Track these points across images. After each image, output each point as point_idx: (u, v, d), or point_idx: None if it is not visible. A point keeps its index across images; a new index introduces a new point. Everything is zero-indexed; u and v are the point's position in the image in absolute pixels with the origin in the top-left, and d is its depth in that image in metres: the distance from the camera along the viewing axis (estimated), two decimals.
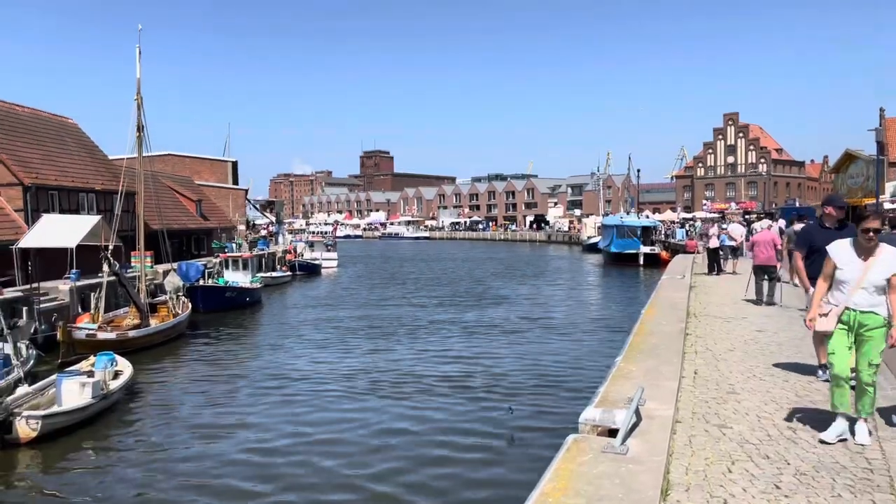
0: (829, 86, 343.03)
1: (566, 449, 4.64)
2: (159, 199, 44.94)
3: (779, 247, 14.84)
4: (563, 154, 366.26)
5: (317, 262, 53.41)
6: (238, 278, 33.73)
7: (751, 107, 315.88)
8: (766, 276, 14.23)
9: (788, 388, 7.04)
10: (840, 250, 5.59)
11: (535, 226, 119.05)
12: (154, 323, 22.18)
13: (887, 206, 25.72)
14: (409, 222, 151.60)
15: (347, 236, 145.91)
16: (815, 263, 6.78)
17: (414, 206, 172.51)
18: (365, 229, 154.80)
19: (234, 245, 40.46)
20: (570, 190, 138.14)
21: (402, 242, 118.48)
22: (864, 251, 5.43)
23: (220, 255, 36.37)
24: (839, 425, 5.30)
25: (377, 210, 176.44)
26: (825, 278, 5.71)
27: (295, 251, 55.25)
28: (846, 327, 5.43)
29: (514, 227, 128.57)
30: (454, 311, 27.95)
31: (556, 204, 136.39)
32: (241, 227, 61.86)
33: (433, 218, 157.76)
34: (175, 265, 30.42)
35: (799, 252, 7.79)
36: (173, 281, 25.50)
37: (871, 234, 5.36)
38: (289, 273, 45.83)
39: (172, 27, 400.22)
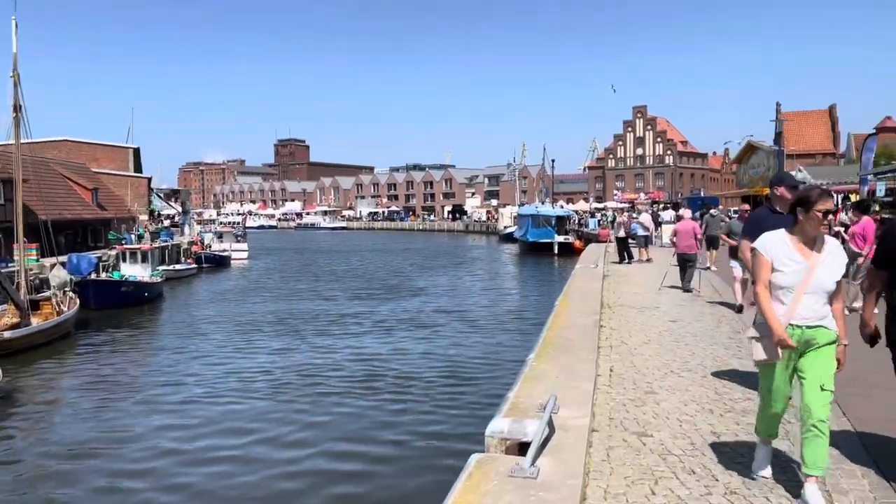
0: (729, 82, 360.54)
1: (468, 474, 3.95)
2: (47, 186, 41.78)
3: (699, 236, 15.18)
4: (481, 145, 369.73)
5: (225, 253, 51.15)
6: (136, 272, 31.56)
7: (658, 100, 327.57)
8: (688, 264, 14.49)
9: (707, 384, 6.64)
10: (774, 245, 4.04)
11: (452, 216, 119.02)
12: (36, 322, 20.23)
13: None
14: (325, 212, 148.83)
15: (262, 227, 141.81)
16: None
17: (331, 196, 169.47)
18: (280, 219, 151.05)
19: (132, 236, 37.91)
20: (487, 180, 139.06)
21: (318, 233, 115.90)
22: (808, 243, 3.98)
23: (117, 246, 33.95)
24: (766, 452, 4.28)
25: (293, 200, 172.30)
26: (765, 284, 4.05)
27: (202, 242, 52.79)
28: (786, 352, 3.99)
29: (432, 218, 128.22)
30: (368, 304, 27.05)
31: (473, 194, 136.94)
32: (144, 217, 58.52)
33: (351, 208, 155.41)
34: (65, 258, 28.16)
35: (748, 242, 5.54)
36: (59, 275, 23.36)
37: (828, 219, 4.03)
38: (194, 266, 43.54)
39: (80, 12, 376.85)
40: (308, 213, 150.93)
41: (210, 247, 52.73)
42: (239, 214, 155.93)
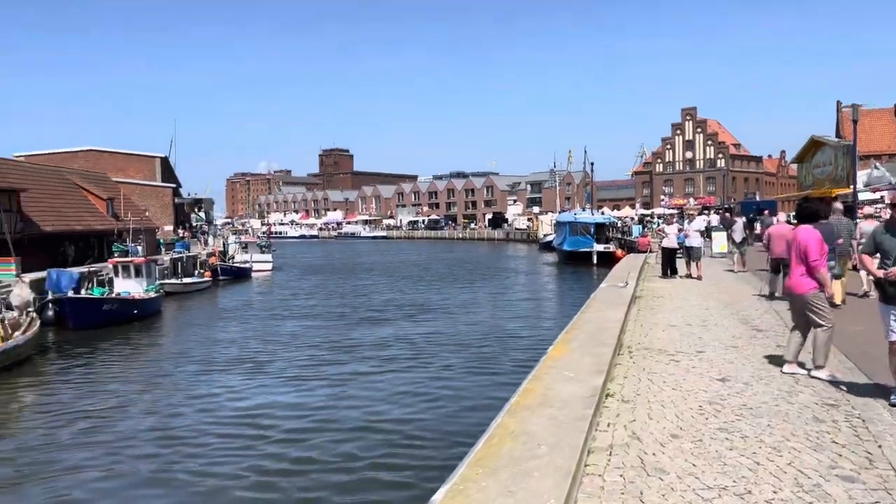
0: (786, 80, 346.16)
1: None
2: (56, 196, 40.12)
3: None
4: (527, 152, 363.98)
5: (246, 265, 48.74)
6: (129, 287, 29.07)
7: (708, 101, 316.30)
8: (782, 270, 12.45)
9: None
10: None
11: (492, 224, 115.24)
12: None
13: (862, 196, 22.39)
14: (366, 221, 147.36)
15: (303, 236, 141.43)
16: None
17: (372, 205, 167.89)
18: (321, 229, 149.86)
19: (138, 248, 35.60)
20: (529, 187, 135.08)
21: (358, 242, 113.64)
22: None
23: (110, 260, 31.60)
24: None
25: (335, 209, 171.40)
26: None
27: (224, 254, 50.66)
28: None
29: (473, 226, 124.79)
30: (375, 327, 23.75)
31: (515, 201, 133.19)
32: (168, 228, 56.87)
33: (391, 217, 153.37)
34: (45, 273, 25.95)
35: None
36: (21, 294, 20.94)
37: None
38: (208, 279, 41.12)
39: (129, 27, 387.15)
40: (349, 223, 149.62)
41: (233, 258, 50.60)
42: (283, 224, 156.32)
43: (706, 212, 58.32)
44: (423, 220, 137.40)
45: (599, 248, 46.28)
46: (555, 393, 5.69)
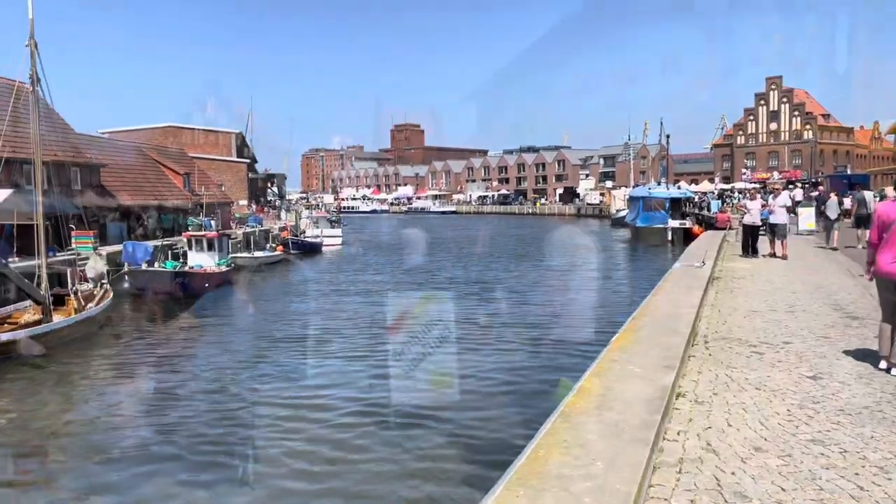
0: (883, 45, 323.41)
1: None
2: (136, 171, 41.41)
3: None
4: (600, 125, 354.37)
5: (317, 240, 49.23)
6: (202, 260, 29.68)
7: (795, 68, 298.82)
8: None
9: None
10: None
11: (563, 199, 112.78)
12: (58, 318, 18.23)
13: None
14: (436, 197, 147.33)
15: (374, 211, 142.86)
16: None
17: (442, 180, 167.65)
18: (392, 204, 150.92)
19: (210, 222, 36.36)
20: (602, 161, 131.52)
21: (428, 217, 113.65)
22: None
23: (184, 234, 32.34)
24: None
25: (405, 184, 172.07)
26: None
27: (296, 228, 51.47)
28: None
29: (543, 201, 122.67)
30: (439, 305, 23.32)
31: (587, 176, 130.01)
32: (243, 203, 58.12)
33: (461, 192, 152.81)
34: (120, 246, 26.72)
35: None
36: (96, 266, 21.54)
37: None
38: (280, 252, 41.78)
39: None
40: (419, 198, 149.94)
41: (304, 233, 51.29)
42: (354, 199, 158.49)
43: (790, 186, 55.12)
44: (493, 196, 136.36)
45: (675, 224, 44.34)
46: (616, 393, 5.00)
